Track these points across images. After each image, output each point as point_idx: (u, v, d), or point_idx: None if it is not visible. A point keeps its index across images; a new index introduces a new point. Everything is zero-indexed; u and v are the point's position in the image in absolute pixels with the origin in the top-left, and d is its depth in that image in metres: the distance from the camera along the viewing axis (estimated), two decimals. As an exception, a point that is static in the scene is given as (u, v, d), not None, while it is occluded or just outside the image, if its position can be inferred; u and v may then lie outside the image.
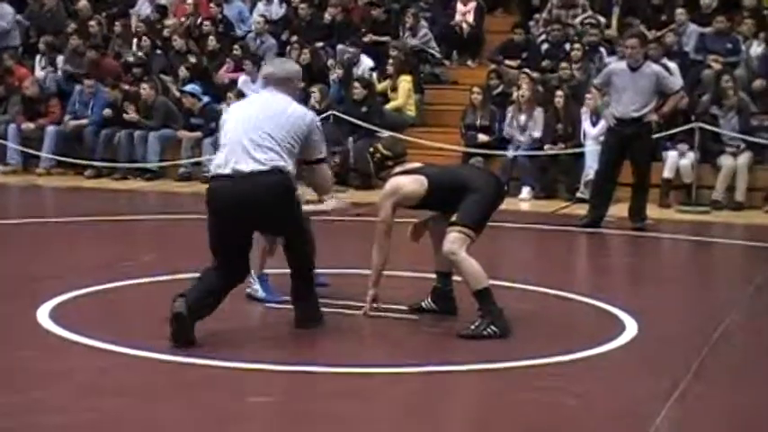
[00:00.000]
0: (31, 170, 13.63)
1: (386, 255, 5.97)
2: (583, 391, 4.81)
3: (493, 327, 5.62)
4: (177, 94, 13.62)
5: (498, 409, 4.57)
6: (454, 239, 5.69)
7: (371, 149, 6.20)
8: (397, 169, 6.07)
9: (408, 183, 5.94)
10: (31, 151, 13.70)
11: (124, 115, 13.31)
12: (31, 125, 13.70)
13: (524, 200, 11.79)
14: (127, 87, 13.76)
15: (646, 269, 8.38)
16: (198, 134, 13.13)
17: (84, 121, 13.64)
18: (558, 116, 12.14)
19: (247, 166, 5.45)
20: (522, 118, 12.20)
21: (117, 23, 15.42)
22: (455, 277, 6.05)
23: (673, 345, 5.72)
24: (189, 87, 13.35)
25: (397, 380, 4.98)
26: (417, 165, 6.16)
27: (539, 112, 12.20)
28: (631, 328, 5.95)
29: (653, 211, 11.03)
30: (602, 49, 13.42)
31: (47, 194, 12.67)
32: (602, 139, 11.74)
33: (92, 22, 15.19)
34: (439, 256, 6.08)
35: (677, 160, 11.67)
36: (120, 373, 4.95)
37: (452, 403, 4.65)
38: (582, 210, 11.05)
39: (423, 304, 6.22)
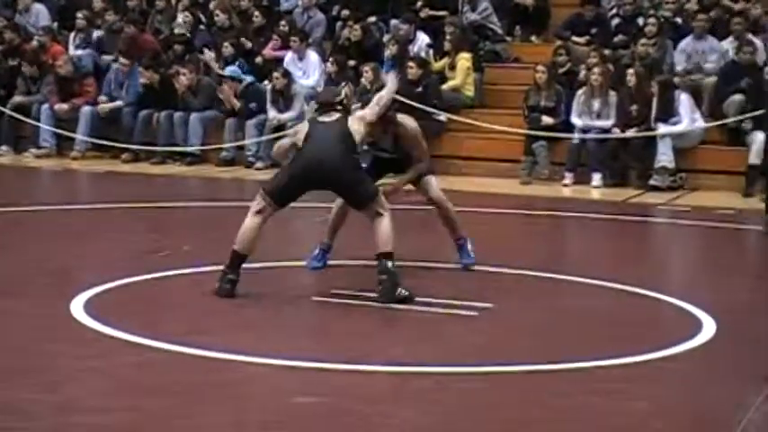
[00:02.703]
0: (66, 153, 13.80)
1: None
2: (653, 396, 4.77)
3: (402, 289, 6.18)
4: (220, 72, 13.70)
5: (560, 413, 4.55)
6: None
7: None
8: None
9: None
10: (65, 133, 13.86)
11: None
12: (65, 106, 13.86)
13: (596, 187, 11.69)
14: (162, 70, 13.81)
15: (726, 264, 8.27)
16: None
17: (119, 103, 13.78)
18: (632, 97, 12.00)
19: None
20: (596, 104, 12.04)
21: (157, -3, 15.52)
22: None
23: (755, 346, 5.65)
24: (228, 70, 13.41)
25: (453, 380, 4.98)
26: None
27: (613, 96, 12.04)
28: (709, 327, 5.88)
29: (735, 201, 10.90)
30: (680, 22, 13.26)
31: (81, 179, 12.84)
32: (677, 122, 11.61)
33: (130, -5, 15.33)
34: None
35: (764, 143, 11.43)
36: (158, 370, 5.00)
37: (510, 407, 4.64)
38: (655, 198, 10.96)
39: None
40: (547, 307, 6.42)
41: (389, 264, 6.28)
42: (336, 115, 6.64)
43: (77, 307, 6.00)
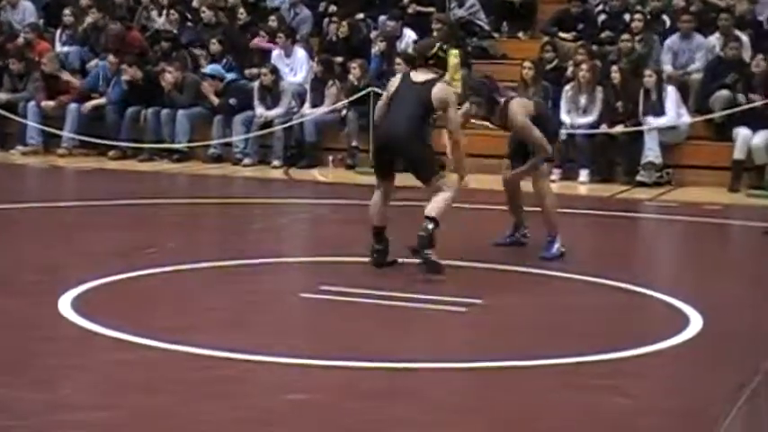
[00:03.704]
0: (52, 151, 13.74)
1: None
2: (641, 390, 4.80)
3: (431, 253, 6.62)
4: (200, 74, 13.67)
5: (548, 409, 4.57)
6: None
7: None
8: None
9: None
10: (51, 130, 13.82)
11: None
12: (52, 103, 13.82)
13: (583, 183, 11.72)
14: (148, 67, 13.78)
15: (712, 259, 8.31)
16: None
17: (102, 101, 13.74)
18: (617, 93, 12.02)
19: None
20: (583, 100, 12.06)
21: (144, -6, 15.48)
22: None
23: (741, 341, 5.68)
24: (209, 69, 13.39)
25: (441, 376, 5.00)
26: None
27: (599, 92, 12.06)
28: (696, 322, 5.91)
29: (721, 196, 10.94)
30: (666, 19, 13.29)
31: (68, 176, 12.80)
32: (665, 117, 11.64)
33: (117, -7, 15.29)
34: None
35: (749, 140, 11.48)
36: (147, 368, 5.00)
37: (498, 402, 4.66)
38: (642, 194, 10.98)
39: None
40: (535, 303, 6.44)
41: (430, 226, 6.68)
42: (430, 76, 6.96)
43: (65, 304, 5.99)
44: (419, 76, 6.99)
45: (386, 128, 7.01)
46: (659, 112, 11.67)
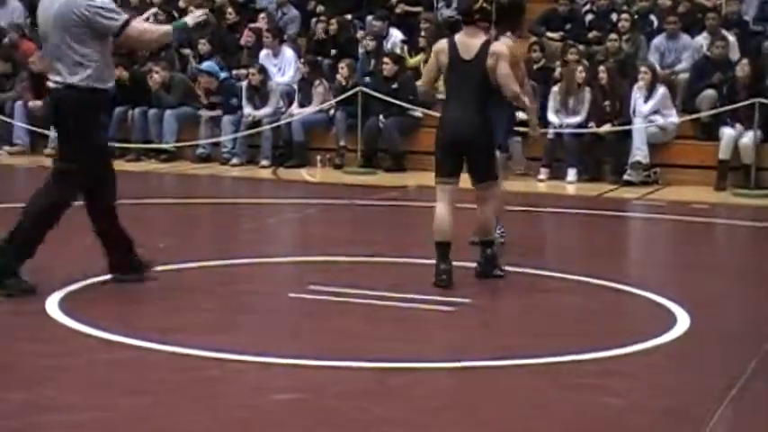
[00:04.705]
0: (40, 151, 13.72)
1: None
2: (628, 390, 4.79)
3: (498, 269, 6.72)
4: (196, 70, 13.65)
5: (535, 408, 4.56)
6: None
7: None
8: None
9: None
10: (39, 130, 13.78)
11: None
12: (39, 103, 13.77)
13: (571, 182, 11.72)
14: (135, 67, 13.73)
15: (699, 258, 8.32)
16: (217, 112, 13.15)
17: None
18: (605, 93, 12.03)
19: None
20: (572, 101, 12.05)
21: (130, -6, 15.44)
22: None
23: (729, 340, 5.68)
24: (206, 65, 13.38)
25: (430, 376, 4.98)
26: None
27: (587, 92, 12.07)
28: (683, 321, 5.91)
29: (708, 195, 10.96)
30: (654, 18, 13.31)
31: (56, 177, 12.73)
32: (653, 117, 11.67)
33: (103, -8, 15.23)
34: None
35: (734, 139, 11.50)
36: (134, 368, 4.97)
37: (486, 402, 4.64)
38: (630, 193, 11.00)
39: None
40: (522, 302, 6.43)
41: (489, 251, 6.74)
42: (481, 37, 6.58)
43: (52, 305, 5.97)
44: (467, 44, 6.52)
45: (451, 120, 6.56)
46: (655, 109, 11.70)
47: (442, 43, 6.72)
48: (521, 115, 12.13)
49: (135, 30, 6.40)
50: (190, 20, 6.79)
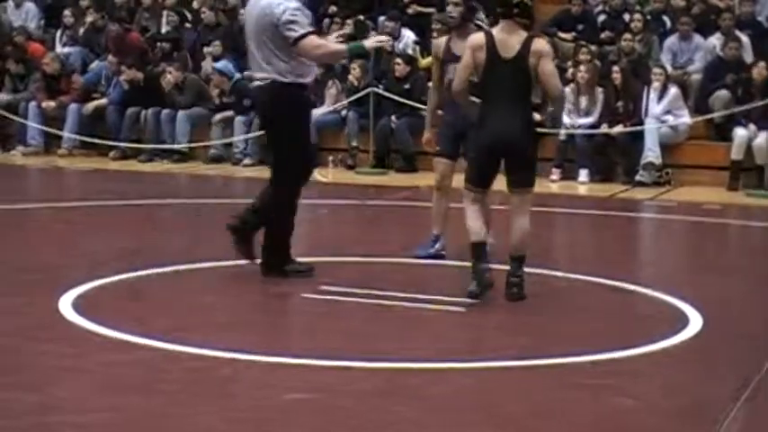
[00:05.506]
0: (53, 151, 13.75)
1: None
2: (641, 391, 4.77)
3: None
4: (210, 70, 13.67)
5: (547, 409, 4.55)
6: None
7: None
8: None
9: None
10: (52, 131, 13.81)
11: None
12: (52, 103, 13.81)
13: (583, 183, 11.70)
14: (148, 67, 13.76)
15: (712, 258, 8.29)
16: (230, 113, 13.17)
17: (102, 101, 13.73)
18: (617, 93, 12.00)
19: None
20: (584, 101, 12.02)
21: (144, -5, 15.48)
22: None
23: (742, 340, 5.66)
24: (220, 65, 13.40)
25: (442, 377, 4.97)
26: None
27: (600, 93, 12.03)
28: (696, 321, 5.89)
29: (720, 196, 10.92)
30: (666, 19, 13.27)
31: (69, 177, 12.78)
32: (665, 117, 11.64)
33: (117, -6, 15.28)
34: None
35: (747, 140, 11.45)
36: (146, 368, 4.97)
37: (498, 402, 4.63)
38: (642, 194, 10.97)
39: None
40: (534, 302, 6.41)
41: (523, 269, 6.23)
42: (521, 34, 6.23)
43: (66, 305, 5.97)
44: (506, 41, 6.19)
45: (494, 124, 6.12)
46: (668, 109, 11.67)
47: (479, 38, 6.31)
48: (536, 117, 12.18)
49: (309, 44, 6.65)
50: (368, 43, 6.98)
